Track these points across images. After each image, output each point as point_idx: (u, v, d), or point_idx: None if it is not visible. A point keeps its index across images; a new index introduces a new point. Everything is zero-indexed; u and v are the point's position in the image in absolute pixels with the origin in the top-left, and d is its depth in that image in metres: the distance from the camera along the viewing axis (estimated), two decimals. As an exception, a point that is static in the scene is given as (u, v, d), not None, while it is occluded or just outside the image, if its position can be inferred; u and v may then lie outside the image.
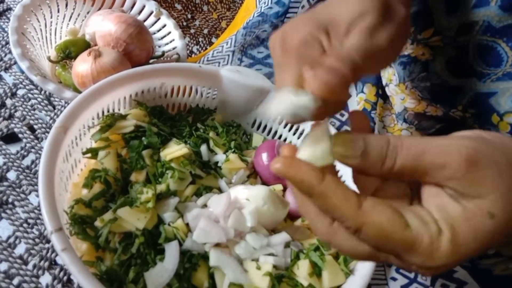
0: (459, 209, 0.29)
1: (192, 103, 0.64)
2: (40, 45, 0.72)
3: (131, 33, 0.65)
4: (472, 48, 0.48)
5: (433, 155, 0.29)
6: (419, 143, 0.29)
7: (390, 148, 0.29)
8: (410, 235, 0.28)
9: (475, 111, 0.50)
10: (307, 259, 0.50)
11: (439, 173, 0.29)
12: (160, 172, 0.52)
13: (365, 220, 0.29)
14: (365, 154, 0.29)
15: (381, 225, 0.29)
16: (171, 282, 0.46)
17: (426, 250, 0.29)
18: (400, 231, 0.29)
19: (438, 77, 0.52)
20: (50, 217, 0.43)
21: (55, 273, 0.54)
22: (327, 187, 0.29)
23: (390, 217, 0.29)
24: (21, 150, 0.64)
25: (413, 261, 0.29)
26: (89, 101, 0.53)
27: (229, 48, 0.71)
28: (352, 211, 0.29)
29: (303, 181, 0.29)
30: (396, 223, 0.29)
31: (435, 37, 0.51)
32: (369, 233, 0.29)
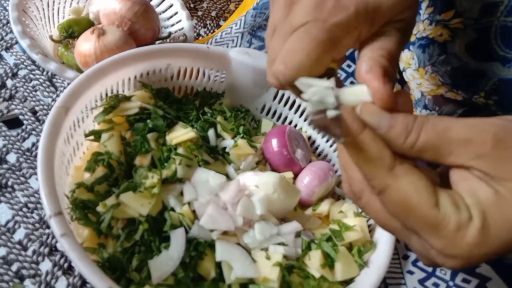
0: (490, 194, 0.26)
1: (199, 86, 0.62)
2: (43, 25, 0.69)
3: (137, 11, 0.63)
4: (495, 31, 0.45)
5: (458, 131, 0.27)
6: (445, 121, 0.28)
7: (417, 122, 0.28)
8: (437, 214, 0.27)
9: (498, 97, 0.47)
10: (319, 249, 0.47)
11: (464, 150, 0.27)
12: (166, 156, 0.50)
13: (391, 183, 0.27)
14: (390, 126, 0.28)
15: (407, 194, 0.27)
16: (176, 271, 0.43)
17: (450, 235, 0.26)
18: (427, 207, 0.27)
19: (458, 60, 0.49)
20: (49, 200, 0.41)
21: (56, 260, 0.52)
22: (365, 138, 0.28)
23: (421, 189, 0.27)
24: (22, 132, 0.61)
25: (434, 243, 0.27)
26: (92, 80, 0.51)
27: (238, 29, 0.68)
28: (382, 170, 0.28)
29: (346, 126, 0.28)
30: (424, 198, 0.27)
31: (456, 19, 0.48)
32: (393, 198, 0.28)
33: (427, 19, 0.53)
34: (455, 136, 0.27)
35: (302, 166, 0.57)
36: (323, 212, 0.53)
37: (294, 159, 0.56)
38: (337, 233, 0.49)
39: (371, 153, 0.28)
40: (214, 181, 0.48)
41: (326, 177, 0.55)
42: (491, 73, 0.47)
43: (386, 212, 0.30)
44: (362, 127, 0.28)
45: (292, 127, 0.59)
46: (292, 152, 0.56)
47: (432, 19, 0.52)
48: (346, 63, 0.65)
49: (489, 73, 0.47)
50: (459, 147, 0.27)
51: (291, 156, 0.56)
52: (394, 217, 0.29)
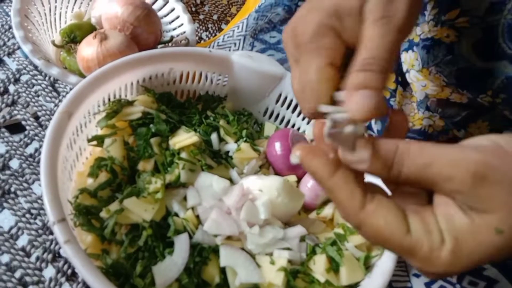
0: (466, 221, 0.29)
1: (202, 90, 0.62)
2: (45, 30, 0.69)
3: (139, 16, 0.62)
4: (502, 29, 0.45)
5: (440, 167, 0.29)
6: (427, 153, 0.29)
7: (397, 155, 0.29)
8: (409, 240, 0.29)
9: (506, 96, 0.47)
10: (324, 254, 0.47)
11: (446, 186, 0.29)
12: (169, 161, 0.50)
13: (364, 221, 0.30)
14: (372, 160, 0.30)
15: (378, 228, 0.29)
16: (180, 276, 0.43)
17: (425, 257, 0.29)
18: (399, 236, 0.29)
19: (465, 61, 0.49)
20: (52, 207, 0.40)
21: (59, 266, 0.51)
22: (335, 183, 0.30)
23: (391, 221, 0.29)
24: (24, 138, 0.61)
25: (413, 264, 0.30)
26: (95, 85, 0.50)
27: (240, 32, 0.68)
28: (354, 210, 0.30)
29: (315, 173, 0.31)
30: (395, 228, 0.29)
31: (461, 18, 0.48)
32: (368, 233, 0.30)
33: (432, 20, 0.53)
34: (437, 173, 0.29)
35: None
36: (327, 215, 0.53)
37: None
38: (342, 237, 0.49)
39: (343, 195, 0.30)
40: (218, 185, 0.48)
41: (330, 181, 0.55)
42: (499, 72, 0.46)
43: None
44: (333, 172, 0.30)
45: (295, 130, 0.59)
46: (296, 156, 0.56)
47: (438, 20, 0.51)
48: None
49: (497, 72, 0.46)
50: (441, 183, 0.29)
51: (294, 159, 0.56)
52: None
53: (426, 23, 0.54)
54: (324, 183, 0.31)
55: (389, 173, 0.30)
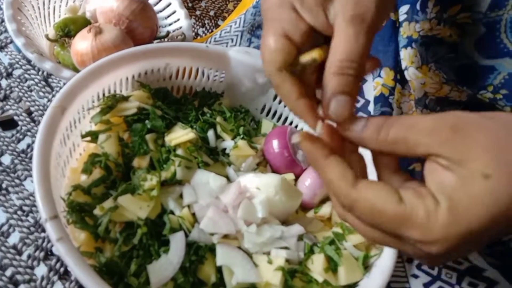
0: (454, 178, 0.29)
1: (198, 86, 0.61)
2: (38, 24, 0.68)
3: (134, 10, 0.61)
4: (505, 25, 0.44)
5: (424, 123, 0.30)
6: (413, 117, 0.31)
7: (387, 121, 0.31)
8: (403, 208, 0.29)
9: (507, 91, 0.46)
10: (322, 253, 0.46)
11: (430, 139, 0.29)
12: (165, 157, 0.49)
13: (357, 197, 0.30)
14: (364, 127, 0.32)
15: (372, 201, 0.30)
16: (176, 275, 0.42)
17: (423, 222, 0.29)
18: (393, 206, 0.29)
19: (467, 58, 0.48)
20: (45, 204, 0.39)
21: (51, 264, 0.50)
22: (329, 162, 0.32)
23: (382, 193, 0.30)
24: (17, 133, 0.60)
25: (412, 236, 0.29)
26: (89, 80, 0.49)
27: (237, 28, 0.67)
28: (346, 187, 0.31)
29: (311, 152, 0.33)
30: (388, 199, 0.30)
31: (463, 14, 0.47)
32: (362, 210, 0.31)
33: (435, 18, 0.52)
34: (422, 128, 0.30)
35: (303, 168, 0.56)
36: (325, 214, 0.52)
37: (295, 161, 0.55)
38: (340, 236, 0.48)
39: (335, 175, 0.32)
40: (215, 183, 0.47)
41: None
42: (501, 68, 0.46)
43: (365, 225, 0.32)
44: (328, 154, 0.32)
45: (293, 128, 0.58)
46: (293, 154, 0.55)
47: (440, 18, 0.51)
48: None
49: (499, 68, 0.46)
50: (425, 137, 0.30)
51: (292, 157, 0.55)
52: (372, 227, 0.32)
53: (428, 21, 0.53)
54: (318, 162, 0.32)
55: (378, 136, 0.31)
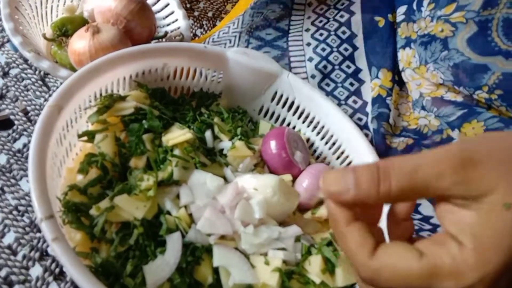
0: (474, 215, 0.27)
1: (196, 86, 0.61)
2: (35, 23, 0.68)
3: (132, 9, 0.61)
4: (497, 24, 0.44)
5: (427, 168, 0.27)
6: (410, 160, 0.28)
7: (381, 171, 0.28)
8: (426, 262, 0.27)
9: (502, 92, 0.46)
10: (320, 254, 0.46)
11: (439, 184, 0.27)
12: (162, 158, 0.48)
13: (377, 267, 0.28)
14: (357, 184, 0.28)
15: (394, 265, 0.28)
16: (172, 276, 0.42)
17: (452, 269, 0.26)
18: (415, 263, 0.27)
19: (460, 55, 0.49)
20: (40, 203, 0.39)
21: (47, 265, 0.50)
22: (349, 230, 0.29)
23: (402, 253, 0.28)
24: (13, 133, 0.60)
25: (446, 286, 0.27)
26: (86, 79, 0.49)
27: (235, 29, 0.67)
28: (365, 257, 0.28)
29: (333, 215, 0.30)
30: (408, 257, 0.27)
31: (457, 13, 0.48)
32: (387, 277, 0.28)
33: (429, 16, 0.52)
34: (427, 174, 0.27)
35: (301, 169, 0.55)
36: (323, 216, 0.52)
37: (293, 162, 0.55)
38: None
39: (354, 243, 0.29)
40: (212, 183, 0.47)
41: (325, 180, 0.54)
42: (494, 68, 0.46)
43: None
44: (351, 220, 0.29)
45: (290, 129, 0.58)
46: (291, 155, 0.55)
47: (433, 15, 0.51)
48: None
49: (492, 67, 0.46)
50: (434, 182, 0.27)
51: (290, 158, 0.55)
52: None
53: (423, 19, 0.54)
54: (339, 227, 0.30)
55: (379, 190, 0.28)
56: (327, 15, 0.64)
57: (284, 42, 0.65)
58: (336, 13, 0.64)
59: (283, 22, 0.66)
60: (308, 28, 0.65)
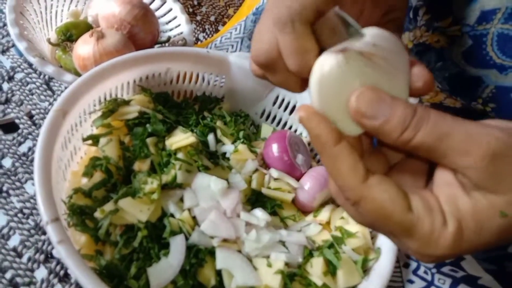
0: (469, 204, 0.27)
1: (199, 91, 0.61)
2: (40, 28, 0.69)
3: (136, 15, 0.62)
4: (492, 38, 0.45)
5: (459, 140, 0.26)
6: (448, 123, 0.27)
7: (415, 119, 0.27)
8: (410, 218, 0.27)
9: (495, 105, 0.47)
10: (321, 256, 0.46)
11: (459, 160, 0.27)
12: (166, 161, 0.49)
13: (366, 195, 0.28)
14: (387, 120, 0.27)
15: (381, 203, 0.28)
16: (176, 278, 0.42)
17: (424, 238, 0.27)
18: (401, 213, 0.28)
19: (455, 66, 0.49)
20: (46, 206, 0.39)
21: (51, 267, 0.50)
22: (340, 152, 0.28)
23: (393, 196, 0.28)
24: (18, 137, 0.60)
25: (410, 245, 0.28)
26: (91, 84, 0.50)
27: (238, 34, 0.68)
28: (356, 182, 0.28)
29: (319, 137, 0.28)
30: (398, 204, 0.28)
31: (454, 27, 0.48)
32: (369, 208, 0.28)
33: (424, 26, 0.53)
34: (455, 145, 0.27)
35: (302, 172, 0.56)
36: (324, 218, 0.53)
37: (294, 165, 0.55)
38: (339, 240, 0.48)
39: (346, 166, 0.28)
40: (216, 186, 0.48)
41: (327, 183, 0.54)
42: (488, 80, 0.46)
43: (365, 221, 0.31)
44: (338, 139, 0.28)
45: (292, 132, 0.59)
46: (293, 157, 0.55)
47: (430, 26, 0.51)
48: None
49: (486, 80, 0.46)
50: (455, 155, 0.27)
51: (291, 161, 0.55)
52: (373, 226, 0.31)
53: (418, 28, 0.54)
54: (328, 149, 0.28)
55: (401, 136, 0.27)
56: (328, 20, 0.65)
57: (286, 47, 0.65)
58: (337, 18, 0.65)
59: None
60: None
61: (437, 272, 0.51)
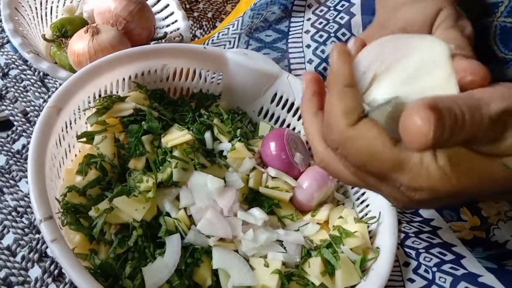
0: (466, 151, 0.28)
1: (195, 88, 0.60)
2: (35, 24, 0.68)
3: (132, 10, 0.61)
4: (494, 32, 0.44)
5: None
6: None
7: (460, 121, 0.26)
8: (399, 152, 0.28)
9: None
10: (319, 256, 0.46)
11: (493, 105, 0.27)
12: (161, 159, 0.48)
13: (353, 135, 0.29)
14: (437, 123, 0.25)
15: (370, 141, 0.29)
16: (171, 278, 0.42)
17: (414, 168, 0.28)
18: (389, 148, 0.28)
19: None
20: (39, 204, 0.39)
21: (45, 266, 0.50)
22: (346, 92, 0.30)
23: (382, 135, 0.29)
24: (12, 134, 0.60)
25: (401, 179, 0.29)
26: (85, 80, 0.49)
27: (235, 30, 0.67)
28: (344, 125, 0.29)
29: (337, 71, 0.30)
30: (386, 141, 0.29)
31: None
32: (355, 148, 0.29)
33: None
34: None
35: (301, 170, 0.55)
36: (323, 217, 0.52)
37: (293, 163, 0.55)
38: (338, 240, 0.48)
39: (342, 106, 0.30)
40: (212, 185, 0.47)
41: (325, 182, 0.54)
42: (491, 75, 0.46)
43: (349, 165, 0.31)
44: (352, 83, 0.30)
45: (290, 130, 0.58)
46: (291, 156, 0.55)
47: None
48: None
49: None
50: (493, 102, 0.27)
51: (289, 160, 0.54)
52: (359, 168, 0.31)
53: None
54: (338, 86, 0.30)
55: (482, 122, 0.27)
56: (327, 16, 0.64)
57: (284, 44, 0.65)
58: (336, 15, 0.64)
59: (283, 24, 0.66)
60: (308, 30, 0.65)
61: (437, 270, 0.51)
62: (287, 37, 0.65)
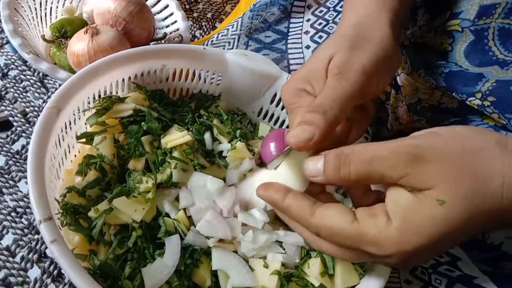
0: (410, 199, 0.32)
1: (195, 88, 0.60)
2: (35, 24, 0.68)
3: (131, 11, 0.61)
4: (493, 33, 0.44)
5: (382, 160, 0.32)
6: (369, 149, 0.33)
7: (343, 157, 0.33)
8: (356, 227, 0.32)
9: (495, 99, 0.46)
10: (319, 257, 0.46)
11: (391, 175, 0.32)
12: (161, 160, 0.48)
13: (318, 224, 0.34)
14: (324, 171, 0.34)
15: (330, 224, 0.33)
16: (170, 279, 0.42)
17: (374, 239, 0.32)
18: (348, 226, 0.32)
19: (458, 67, 0.48)
20: (39, 205, 0.39)
21: (45, 267, 0.50)
22: (287, 203, 0.36)
23: (338, 215, 0.33)
24: (11, 134, 0.60)
25: (369, 251, 0.32)
26: (85, 81, 0.49)
27: (234, 31, 0.67)
28: (306, 218, 0.34)
29: (271, 199, 0.37)
30: (343, 220, 0.33)
31: (452, 21, 0.48)
32: (325, 232, 0.34)
33: (425, 26, 0.52)
34: (382, 165, 0.32)
35: (300, 171, 0.55)
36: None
37: (292, 164, 0.55)
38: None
39: (295, 210, 0.35)
40: (212, 186, 0.47)
41: (324, 183, 0.54)
42: (489, 75, 0.46)
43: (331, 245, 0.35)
44: (285, 195, 0.36)
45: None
46: (290, 157, 0.55)
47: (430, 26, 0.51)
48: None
49: (488, 75, 0.46)
50: (387, 172, 0.32)
51: (289, 160, 0.54)
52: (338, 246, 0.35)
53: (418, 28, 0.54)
54: (279, 206, 0.36)
55: (340, 176, 0.33)
56: (326, 17, 0.64)
57: (283, 44, 0.65)
58: (335, 16, 0.64)
59: (282, 25, 0.66)
60: (307, 30, 0.65)
61: (433, 272, 0.51)
62: (286, 38, 0.66)
